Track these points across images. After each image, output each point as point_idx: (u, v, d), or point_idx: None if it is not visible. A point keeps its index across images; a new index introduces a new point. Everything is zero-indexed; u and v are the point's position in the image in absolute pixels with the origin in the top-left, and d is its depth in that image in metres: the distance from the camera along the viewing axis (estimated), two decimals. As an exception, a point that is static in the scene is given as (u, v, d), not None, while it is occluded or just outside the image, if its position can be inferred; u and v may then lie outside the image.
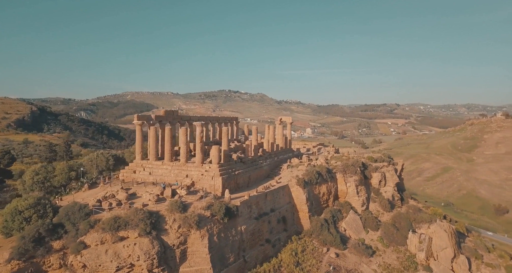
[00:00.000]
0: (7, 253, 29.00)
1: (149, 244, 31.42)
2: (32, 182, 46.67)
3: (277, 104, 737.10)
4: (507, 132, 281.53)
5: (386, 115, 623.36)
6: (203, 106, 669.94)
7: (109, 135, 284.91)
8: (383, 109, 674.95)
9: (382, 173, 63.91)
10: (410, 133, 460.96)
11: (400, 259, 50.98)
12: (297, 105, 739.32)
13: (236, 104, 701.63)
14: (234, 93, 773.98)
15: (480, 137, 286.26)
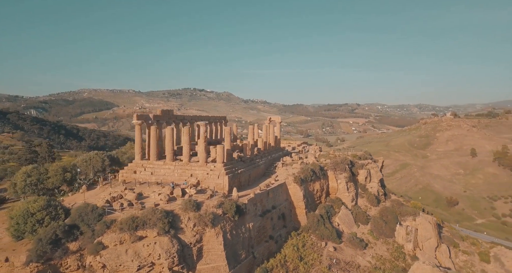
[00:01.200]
0: (24, 256, 28.48)
1: (169, 242, 31.79)
2: (24, 184, 44.82)
3: (243, 103, 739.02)
4: (455, 130, 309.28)
5: (348, 114, 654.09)
6: (167, 105, 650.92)
7: (66, 135, 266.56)
8: (344, 109, 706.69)
9: (368, 170, 67.66)
10: (370, 132, 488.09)
11: (390, 250, 54.52)
12: (263, 105, 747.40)
13: (202, 103, 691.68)
14: (199, 91, 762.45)
15: (433, 135, 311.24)
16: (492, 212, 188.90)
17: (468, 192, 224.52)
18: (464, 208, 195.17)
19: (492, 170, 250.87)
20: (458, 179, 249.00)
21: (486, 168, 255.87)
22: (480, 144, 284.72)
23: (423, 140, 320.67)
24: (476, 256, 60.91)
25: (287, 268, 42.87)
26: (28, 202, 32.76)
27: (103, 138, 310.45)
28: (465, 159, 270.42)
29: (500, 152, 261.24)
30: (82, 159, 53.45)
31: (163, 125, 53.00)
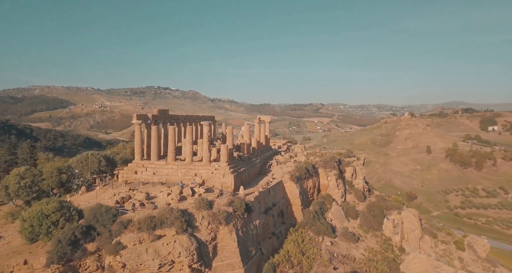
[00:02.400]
0: (44, 258, 28.29)
1: (188, 240, 32.44)
2: (18, 186, 43.11)
3: (210, 102, 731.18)
4: (413, 129, 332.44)
5: (313, 114, 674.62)
6: (130, 103, 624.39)
7: (18, 136, 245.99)
8: (309, 109, 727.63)
9: (354, 167, 71.06)
10: (334, 131, 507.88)
11: (379, 242, 57.90)
12: (230, 104, 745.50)
13: (167, 102, 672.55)
14: (164, 90, 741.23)
15: (393, 134, 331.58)
16: (446, 205, 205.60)
17: (424, 186, 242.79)
18: (422, 202, 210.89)
19: (445, 166, 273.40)
20: (416, 174, 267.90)
21: (440, 164, 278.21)
22: (434, 141, 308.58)
23: (384, 138, 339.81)
24: (452, 245, 66.71)
25: (292, 263, 44.35)
26: (40, 204, 32.29)
27: (61, 138, 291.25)
28: (421, 155, 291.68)
29: (451, 149, 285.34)
30: (77, 159, 51.95)
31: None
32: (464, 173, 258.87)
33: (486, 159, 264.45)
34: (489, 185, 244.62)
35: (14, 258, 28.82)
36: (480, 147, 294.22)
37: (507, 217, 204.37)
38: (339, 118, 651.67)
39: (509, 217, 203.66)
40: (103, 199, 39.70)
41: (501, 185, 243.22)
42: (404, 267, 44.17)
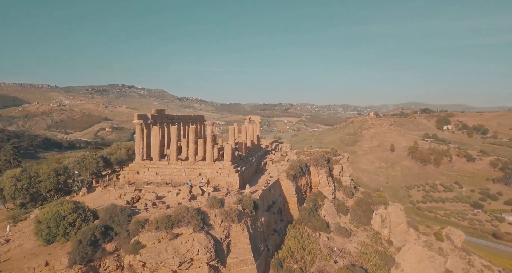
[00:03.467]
0: (65, 259, 28.42)
1: (205, 238, 33.24)
2: (14, 189, 41.98)
3: (178, 101, 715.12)
4: (378, 128, 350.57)
5: (282, 114, 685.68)
6: (92, 102, 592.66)
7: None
8: (279, 109, 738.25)
9: (341, 165, 74.06)
10: (303, 130, 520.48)
11: (369, 236, 60.99)
12: (199, 103, 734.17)
13: (133, 101, 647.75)
14: (129, 88, 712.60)
15: (360, 133, 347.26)
16: (409, 199, 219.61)
17: (389, 183, 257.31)
18: (388, 197, 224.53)
19: (407, 163, 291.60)
20: (381, 171, 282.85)
21: (402, 161, 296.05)
22: (397, 140, 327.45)
23: (352, 137, 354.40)
24: (432, 236, 71.98)
25: (295, 258, 45.87)
26: (55, 205, 32.12)
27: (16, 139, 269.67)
28: (386, 153, 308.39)
29: (412, 147, 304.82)
30: (74, 160, 51.12)
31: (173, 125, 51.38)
32: (424, 170, 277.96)
33: (443, 156, 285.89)
34: (446, 180, 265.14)
35: (33, 259, 28.54)
36: (438, 144, 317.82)
37: (462, 209, 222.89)
38: (307, 118, 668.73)
39: (464, 209, 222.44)
40: (109, 200, 39.53)
41: (456, 180, 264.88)
42: (399, 258, 47.14)
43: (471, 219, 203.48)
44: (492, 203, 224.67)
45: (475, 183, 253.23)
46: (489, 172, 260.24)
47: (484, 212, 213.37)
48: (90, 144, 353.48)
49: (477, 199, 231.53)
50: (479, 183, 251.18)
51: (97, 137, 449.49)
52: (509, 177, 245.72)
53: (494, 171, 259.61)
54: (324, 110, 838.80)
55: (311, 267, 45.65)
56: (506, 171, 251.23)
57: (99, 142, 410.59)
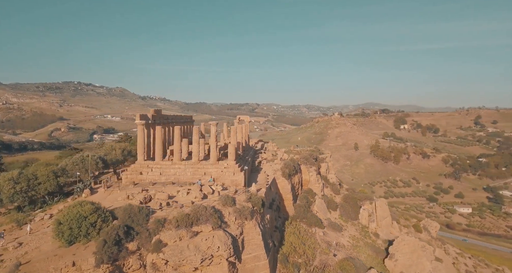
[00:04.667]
0: (92, 259, 28.63)
1: (224, 235, 34.16)
2: (13, 191, 40.79)
3: (141, 100, 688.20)
4: (342, 128, 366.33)
5: (249, 114, 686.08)
6: (44, 100, 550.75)
7: None
8: (246, 108, 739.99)
9: (327, 163, 77.07)
10: (270, 130, 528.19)
11: (358, 230, 64.28)
12: (163, 102, 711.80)
13: (90, 99, 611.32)
14: (86, 86, 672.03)
15: (326, 132, 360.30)
16: (373, 195, 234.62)
17: (354, 180, 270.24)
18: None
19: (370, 161, 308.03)
20: (346, 169, 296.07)
21: (365, 159, 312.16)
22: (360, 139, 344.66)
23: (318, 136, 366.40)
24: (412, 228, 77.56)
25: (298, 252, 47.88)
26: (74, 206, 31.98)
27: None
28: (350, 152, 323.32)
29: (374, 145, 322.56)
30: (72, 161, 49.66)
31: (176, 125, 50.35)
32: (385, 167, 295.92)
33: (402, 154, 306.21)
34: (405, 176, 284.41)
35: (58, 260, 28.40)
36: (396, 143, 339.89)
37: (419, 203, 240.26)
38: (274, 118, 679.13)
39: (421, 203, 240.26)
40: (116, 201, 39.58)
41: (414, 176, 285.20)
42: (393, 249, 50.49)
43: (427, 212, 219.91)
44: (445, 196, 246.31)
45: (430, 178, 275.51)
46: (442, 168, 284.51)
47: (438, 205, 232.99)
48: (45, 145, 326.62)
49: (432, 193, 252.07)
50: (433, 178, 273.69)
51: (51, 138, 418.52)
52: (458, 172, 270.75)
53: (445, 167, 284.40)
54: (289, 110, 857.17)
55: (313, 260, 47.53)
56: (455, 167, 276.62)
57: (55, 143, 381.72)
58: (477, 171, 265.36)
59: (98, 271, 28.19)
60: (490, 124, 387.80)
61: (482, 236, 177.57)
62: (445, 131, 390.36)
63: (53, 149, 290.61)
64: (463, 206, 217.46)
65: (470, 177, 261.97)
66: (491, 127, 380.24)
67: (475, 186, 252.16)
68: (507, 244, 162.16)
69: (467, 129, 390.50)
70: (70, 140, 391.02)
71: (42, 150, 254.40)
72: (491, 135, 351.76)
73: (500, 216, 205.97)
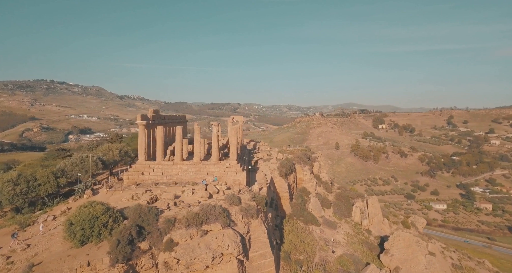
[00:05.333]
0: (107, 258, 28.81)
1: (234, 233, 34.86)
2: (13, 193, 40.07)
3: (118, 99, 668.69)
4: (323, 128, 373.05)
5: (231, 113, 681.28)
6: (13, 99, 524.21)
7: None
8: (227, 108, 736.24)
9: (319, 162, 78.47)
10: (252, 129, 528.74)
11: (351, 227, 65.95)
12: (142, 102, 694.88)
13: (64, 98, 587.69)
14: (59, 84, 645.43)
15: (307, 132, 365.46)
16: (364, 193, 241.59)
17: (336, 178, 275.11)
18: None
19: (350, 160, 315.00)
20: (328, 168, 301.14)
21: (346, 158, 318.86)
22: (340, 138, 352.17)
23: (300, 136, 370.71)
24: (400, 224, 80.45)
25: (299, 250, 49.20)
26: (85, 207, 32.02)
27: None
28: (331, 151, 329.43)
29: (354, 145, 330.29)
30: (71, 162, 48.82)
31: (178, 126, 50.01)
32: (365, 165, 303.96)
33: (381, 153, 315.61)
34: (384, 174, 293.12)
35: (72, 261, 28.38)
36: (376, 142, 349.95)
37: (398, 200, 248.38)
38: (256, 118, 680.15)
39: (399, 201, 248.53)
40: (120, 201, 39.47)
41: (393, 174, 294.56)
42: (389, 245, 52.25)
43: (406, 209, 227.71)
44: (422, 194, 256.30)
45: (407, 176, 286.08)
46: (418, 166, 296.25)
47: (416, 202, 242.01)
48: (16, 146, 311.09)
49: (409, 190, 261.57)
50: (411, 176, 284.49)
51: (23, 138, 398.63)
52: (433, 170, 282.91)
53: (422, 165, 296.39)
54: (270, 110, 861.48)
55: (314, 257, 48.55)
56: (431, 165, 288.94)
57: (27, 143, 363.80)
58: (450, 169, 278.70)
59: (113, 270, 28.36)
60: (461, 124, 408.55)
61: (456, 231, 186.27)
62: (420, 131, 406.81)
63: (25, 149, 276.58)
64: (438, 203, 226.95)
65: (444, 175, 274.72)
66: (462, 127, 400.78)
67: (449, 183, 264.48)
68: (479, 238, 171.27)
69: (441, 129, 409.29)
70: (44, 141, 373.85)
71: (13, 151, 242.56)
72: (462, 135, 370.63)
73: (472, 211, 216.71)
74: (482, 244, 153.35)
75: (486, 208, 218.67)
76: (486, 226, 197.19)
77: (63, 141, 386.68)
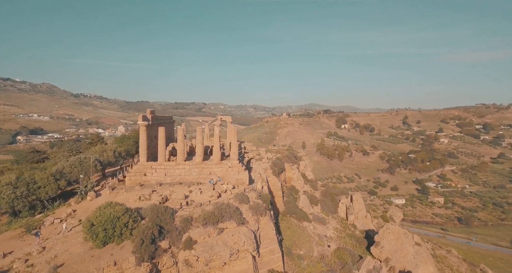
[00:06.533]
0: (133, 258, 29.23)
1: (248, 231, 36.34)
2: (13, 196, 38.84)
3: (73, 98, 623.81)
4: (290, 127, 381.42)
5: (196, 113, 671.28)
6: None
7: None
8: (192, 108, 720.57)
9: (304, 161, 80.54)
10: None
11: (339, 223, 68.80)
12: (100, 100, 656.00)
13: (10, 96, 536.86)
14: (3, 81, 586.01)
15: (275, 132, 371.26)
16: (347, 190, 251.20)
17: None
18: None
19: (317, 158, 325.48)
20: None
21: (313, 157, 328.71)
22: (307, 138, 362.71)
23: (269, 136, 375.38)
24: (380, 218, 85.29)
25: (298, 245, 50.85)
26: (105, 208, 32.16)
27: None
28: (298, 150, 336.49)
29: (320, 144, 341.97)
30: (70, 164, 47.72)
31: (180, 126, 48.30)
32: (330, 164, 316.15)
33: (345, 152, 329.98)
34: (348, 172, 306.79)
35: (98, 261, 28.55)
36: (340, 141, 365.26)
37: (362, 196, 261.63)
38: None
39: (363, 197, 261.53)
40: (128, 202, 39.34)
41: (356, 172, 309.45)
42: (379, 237, 55.36)
43: (369, 205, 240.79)
44: (383, 190, 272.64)
45: (369, 173, 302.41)
46: (379, 164, 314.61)
47: (378, 198, 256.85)
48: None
49: (372, 187, 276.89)
50: (373, 173, 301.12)
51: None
52: (393, 168, 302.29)
53: (382, 163, 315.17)
54: (236, 110, 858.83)
55: (313, 252, 50.29)
56: (390, 163, 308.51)
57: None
58: (407, 166, 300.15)
59: (140, 269, 28.79)
60: (415, 124, 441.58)
61: (414, 223, 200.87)
62: (379, 130, 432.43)
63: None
64: (398, 198, 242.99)
65: (402, 171, 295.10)
66: (416, 126, 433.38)
67: (407, 179, 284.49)
68: (434, 229, 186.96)
69: (397, 128, 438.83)
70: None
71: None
72: (416, 134, 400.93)
73: (427, 205, 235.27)
74: (437, 235, 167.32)
75: (438, 201, 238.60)
76: (439, 218, 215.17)
77: (10, 142, 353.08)
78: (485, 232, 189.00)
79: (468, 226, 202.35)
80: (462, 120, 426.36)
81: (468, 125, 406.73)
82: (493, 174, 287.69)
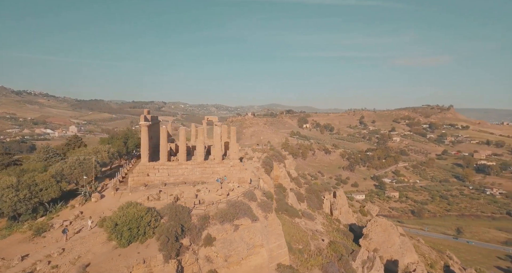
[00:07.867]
0: (160, 255, 29.87)
1: (262, 227, 37.89)
2: (16, 199, 37.68)
3: (15, 95, 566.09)
4: (255, 127, 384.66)
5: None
6: None
7: None
8: (151, 107, 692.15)
9: (289, 160, 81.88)
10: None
11: (324, 218, 71.46)
12: (47, 98, 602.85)
13: None
14: None
15: (241, 131, 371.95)
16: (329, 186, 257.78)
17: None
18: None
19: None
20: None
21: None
22: (271, 137, 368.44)
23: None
24: (359, 213, 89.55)
25: (296, 240, 52.83)
26: (127, 207, 32.53)
27: None
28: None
29: (284, 143, 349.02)
30: (69, 166, 46.72)
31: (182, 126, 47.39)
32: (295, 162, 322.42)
33: (308, 150, 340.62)
34: (312, 170, 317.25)
35: (126, 259, 28.83)
36: (303, 141, 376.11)
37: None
38: (183, 117, 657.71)
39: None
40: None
41: (319, 170, 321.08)
42: (367, 230, 58.42)
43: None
44: (344, 186, 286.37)
45: (331, 170, 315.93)
46: (340, 162, 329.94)
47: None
48: None
49: (334, 184, 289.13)
50: (334, 171, 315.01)
51: None
52: (353, 165, 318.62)
53: (343, 161, 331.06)
54: (198, 109, 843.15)
55: (310, 246, 51.82)
56: (350, 160, 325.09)
57: None
58: (366, 163, 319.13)
59: (167, 266, 29.51)
60: (370, 124, 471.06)
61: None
62: (338, 130, 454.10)
63: None
64: (358, 193, 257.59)
65: (361, 168, 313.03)
66: (371, 126, 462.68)
67: (365, 176, 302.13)
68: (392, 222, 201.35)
69: (355, 128, 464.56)
70: None
71: None
72: (372, 133, 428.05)
73: (384, 199, 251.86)
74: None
75: (394, 196, 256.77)
76: (395, 212, 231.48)
77: None
78: (434, 222, 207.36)
79: (420, 218, 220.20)
80: (411, 120, 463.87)
81: (416, 125, 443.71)
82: (439, 169, 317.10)
